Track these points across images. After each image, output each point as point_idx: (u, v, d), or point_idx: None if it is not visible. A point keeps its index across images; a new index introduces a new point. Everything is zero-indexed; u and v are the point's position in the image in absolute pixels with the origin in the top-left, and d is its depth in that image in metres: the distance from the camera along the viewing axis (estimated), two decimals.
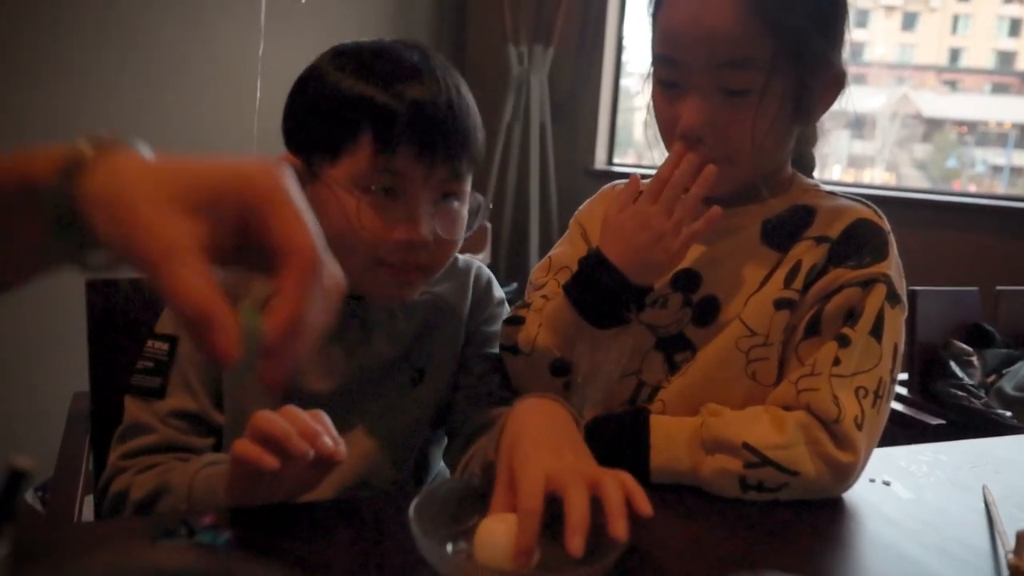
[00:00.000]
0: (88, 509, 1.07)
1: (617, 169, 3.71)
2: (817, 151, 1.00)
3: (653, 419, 0.86)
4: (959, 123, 6.39)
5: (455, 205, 0.88)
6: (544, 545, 0.63)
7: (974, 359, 2.07)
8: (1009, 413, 1.91)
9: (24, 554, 0.56)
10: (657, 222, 0.84)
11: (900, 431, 1.83)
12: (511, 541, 0.62)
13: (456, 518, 0.69)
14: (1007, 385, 2.01)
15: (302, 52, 0.90)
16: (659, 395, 0.91)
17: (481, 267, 1.04)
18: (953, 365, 2.02)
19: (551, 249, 1.05)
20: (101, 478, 0.90)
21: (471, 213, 0.90)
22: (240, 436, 0.71)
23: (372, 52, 0.85)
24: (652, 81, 0.90)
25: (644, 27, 0.90)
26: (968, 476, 0.93)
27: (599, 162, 3.76)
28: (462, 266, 1.02)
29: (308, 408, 0.72)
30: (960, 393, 1.95)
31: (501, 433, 0.78)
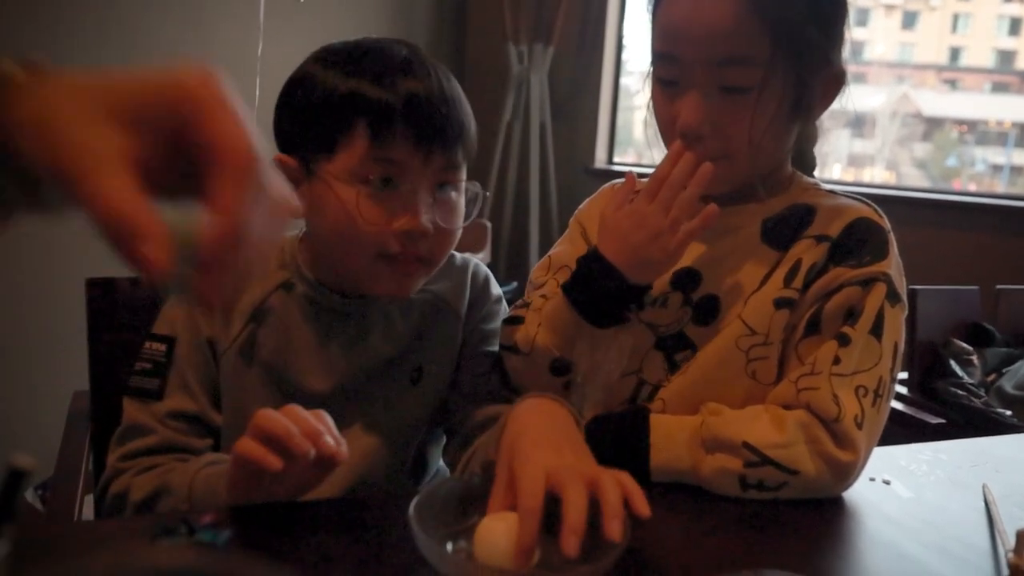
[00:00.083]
0: (88, 508, 1.07)
1: (617, 168, 3.71)
2: (817, 150, 1.00)
3: (653, 418, 0.86)
4: (959, 122, 6.39)
5: (453, 195, 0.88)
6: (544, 544, 0.63)
7: (974, 358, 2.07)
8: (1009, 412, 1.91)
9: (24, 553, 0.56)
10: (654, 220, 0.84)
11: (900, 430, 1.83)
12: (511, 540, 0.62)
13: (456, 517, 0.69)
14: (1007, 384, 2.01)
15: (301, 51, 0.90)
16: (659, 394, 0.91)
17: (478, 265, 1.04)
18: (953, 364, 2.02)
19: (551, 248, 1.05)
20: (100, 479, 0.90)
21: (468, 203, 0.91)
22: (239, 436, 0.71)
23: (361, 49, 0.86)
24: (651, 80, 0.90)
25: (644, 25, 0.90)
26: (968, 475, 0.93)
27: (599, 161, 3.76)
28: (459, 264, 1.02)
29: (309, 408, 0.72)
30: (960, 392, 1.95)
31: (501, 432, 0.78)
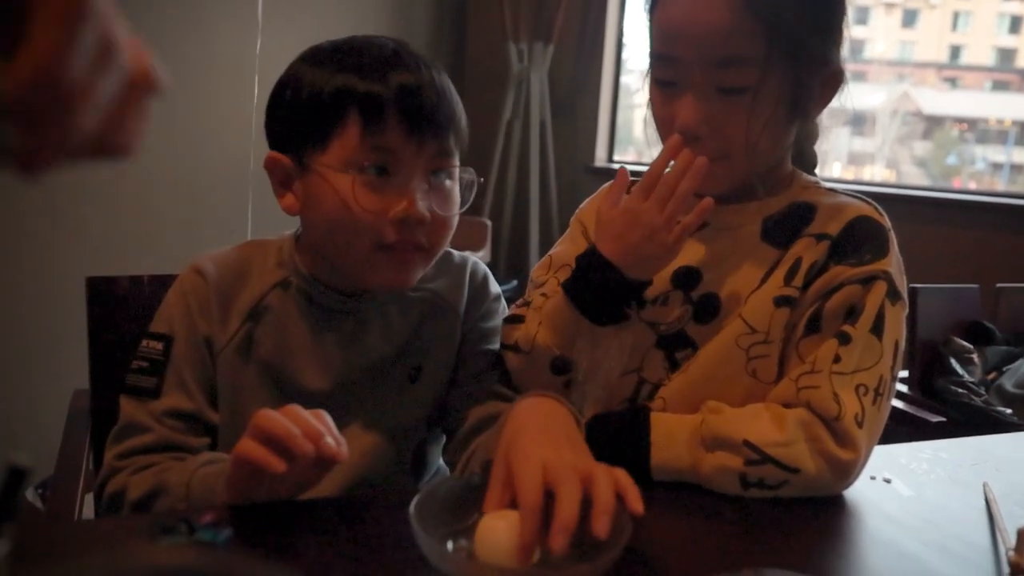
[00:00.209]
0: (88, 507, 1.07)
1: (617, 166, 3.70)
2: (817, 148, 1.00)
3: (654, 417, 0.86)
4: (959, 120, 6.39)
5: (447, 183, 0.89)
6: (544, 542, 0.63)
7: (974, 356, 2.07)
8: (1009, 410, 1.91)
9: (24, 552, 0.56)
10: (649, 217, 0.84)
11: (901, 428, 1.83)
12: (512, 538, 0.62)
13: (456, 516, 0.69)
14: (1007, 382, 2.01)
15: (300, 50, 0.90)
16: (659, 393, 0.91)
17: (477, 262, 1.04)
18: (953, 362, 2.02)
19: (552, 247, 1.05)
20: (97, 478, 0.90)
21: (464, 190, 0.91)
22: (237, 435, 0.71)
23: (348, 46, 0.87)
24: (649, 80, 0.90)
25: (643, 25, 0.90)
26: (969, 473, 0.93)
27: (599, 159, 3.76)
28: (458, 262, 1.02)
29: (306, 407, 0.72)
30: (960, 390, 1.95)
31: (500, 431, 0.78)
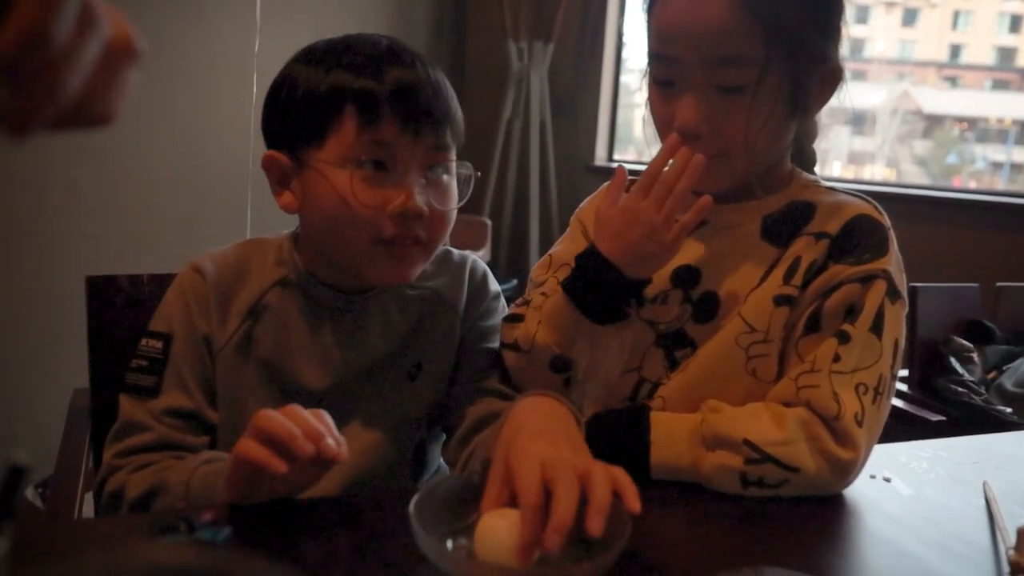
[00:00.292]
0: (88, 506, 1.07)
1: (617, 166, 3.71)
2: (817, 147, 1.00)
3: (653, 415, 0.86)
4: (959, 119, 6.38)
5: (444, 177, 0.89)
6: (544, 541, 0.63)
7: (974, 355, 2.07)
8: (1009, 409, 1.91)
9: (24, 551, 0.56)
10: (648, 216, 0.84)
11: (901, 427, 1.83)
12: (512, 537, 0.62)
13: (456, 515, 0.69)
14: (1007, 381, 2.01)
15: (298, 47, 0.90)
16: (659, 391, 0.91)
17: (476, 261, 1.04)
18: (953, 361, 2.02)
19: (552, 246, 1.05)
20: (97, 476, 0.90)
21: (461, 184, 0.92)
22: (236, 433, 0.71)
23: (342, 44, 0.88)
24: (648, 80, 0.90)
25: (641, 25, 0.90)
26: (969, 472, 0.93)
27: (599, 158, 3.76)
28: (457, 260, 1.02)
29: (306, 405, 0.72)
30: (960, 389, 1.95)
31: (500, 430, 0.78)
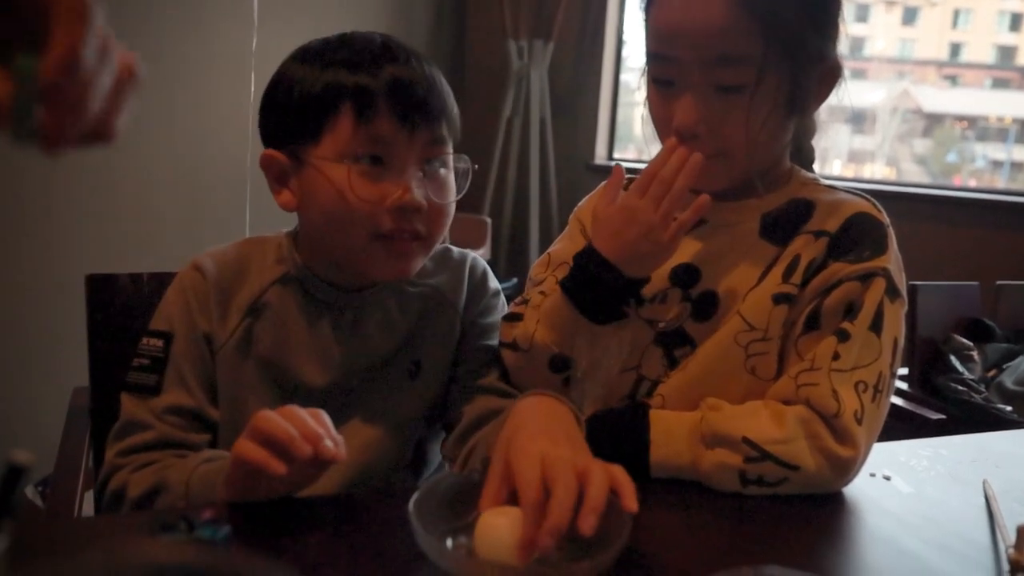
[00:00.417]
0: (88, 504, 1.07)
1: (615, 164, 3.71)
2: (816, 144, 0.99)
3: (653, 414, 0.86)
4: (959, 118, 6.37)
5: (442, 171, 0.89)
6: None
7: (974, 354, 2.07)
8: (1009, 408, 1.91)
9: (24, 549, 0.56)
10: (645, 215, 0.84)
11: (900, 425, 1.83)
12: (513, 535, 0.62)
13: (456, 513, 0.69)
14: (1007, 380, 2.01)
15: (296, 45, 0.91)
16: (658, 390, 0.91)
17: (476, 259, 1.04)
18: (953, 360, 2.02)
19: (551, 245, 1.05)
20: (99, 475, 0.90)
21: (459, 178, 0.92)
22: (237, 431, 0.71)
23: (337, 42, 0.88)
24: (646, 79, 0.90)
25: (639, 24, 0.90)
26: (968, 471, 0.93)
27: (599, 157, 3.76)
28: (457, 258, 1.02)
29: (306, 403, 0.72)
30: (960, 388, 1.95)
31: (500, 428, 0.78)
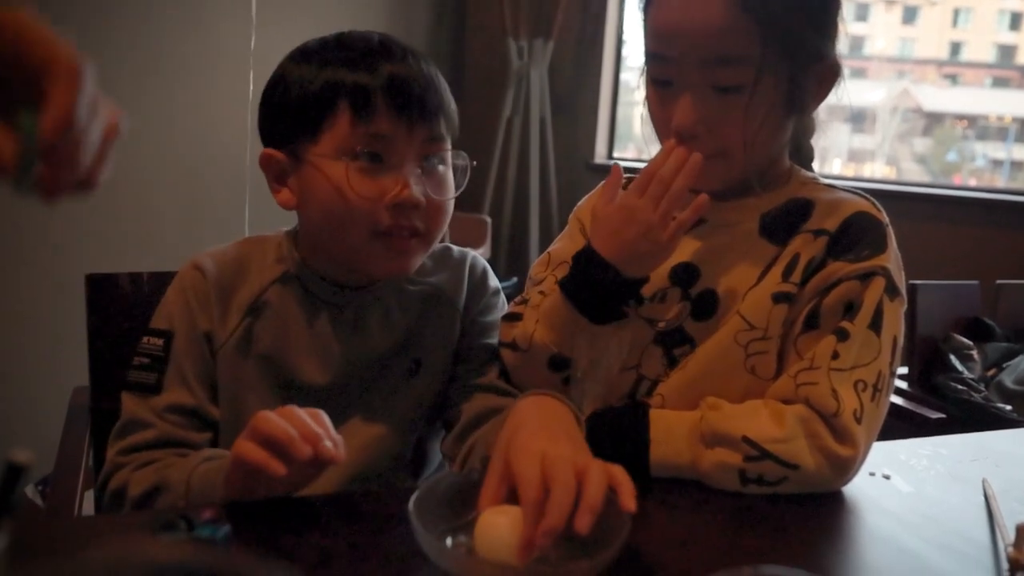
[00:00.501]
0: (88, 504, 1.07)
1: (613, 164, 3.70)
2: (815, 142, 0.99)
3: (653, 413, 0.86)
4: (959, 117, 6.38)
5: (440, 167, 0.90)
6: None
7: (974, 353, 2.07)
8: (1009, 407, 1.91)
9: (24, 548, 0.56)
10: (644, 215, 0.84)
11: (900, 424, 1.83)
12: (514, 534, 0.62)
13: (456, 512, 0.69)
14: (1007, 379, 2.01)
15: (295, 45, 0.91)
16: (658, 389, 0.91)
17: (476, 257, 1.04)
18: (953, 359, 2.02)
19: (551, 244, 1.05)
20: (100, 474, 0.90)
21: (457, 174, 0.92)
22: (238, 430, 0.71)
23: (334, 41, 0.89)
24: (645, 80, 0.90)
25: (638, 24, 0.91)
26: (968, 470, 0.93)
27: (599, 156, 3.75)
28: (457, 256, 1.02)
29: (306, 401, 0.72)
30: (960, 387, 1.95)
31: (500, 427, 0.78)
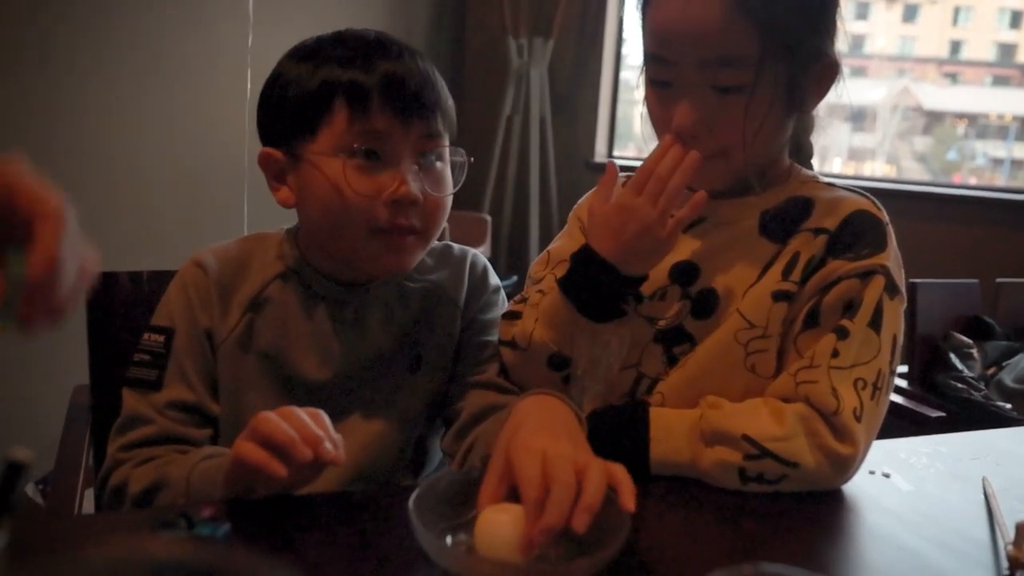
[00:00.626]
0: (88, 502, 1.08)
1: (617, 162, 3.70)
2: (815, 140, 0.99)
3: (653, 411, 0.86)
4: (960, 115, 6.37)
5: (438, 164, 0.90)
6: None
7: (974, 351, 2.07)
8: (1009, 405, 1.91)
9: (24, 547, 0.56)
10: (642, 213, 0.84)
11: (900, 423, 1.83)
12: (514, 532, 0.62)
13: (456, 510, 0.69)
14: (1007, 377, 2.01)
15: (293, 43, 0.91)
16: (658, 387, 0.91)
17: (476, 255, 1.04)
18: (953, 357, 2.02)
19: (550, 242, 1.05)
20: (100, 470, 0.90)
21: (455, 171, 0.92)
22: (238, 427, 0.71)
23: (331, 40, 0.89)
24: (644, 80, 0.90)
25: (636, 25, 0.90)
26: (968, 468, 0.93)
27: (599, 155, 3.75)
28: (457, 254, 1.02)
29: (306, 398, 0.72)
30: (960, 385, 1.95)
31: (501, 426, 0.78)
